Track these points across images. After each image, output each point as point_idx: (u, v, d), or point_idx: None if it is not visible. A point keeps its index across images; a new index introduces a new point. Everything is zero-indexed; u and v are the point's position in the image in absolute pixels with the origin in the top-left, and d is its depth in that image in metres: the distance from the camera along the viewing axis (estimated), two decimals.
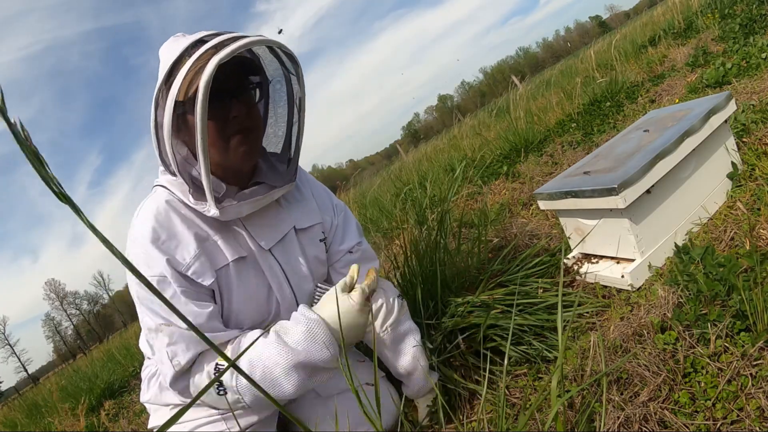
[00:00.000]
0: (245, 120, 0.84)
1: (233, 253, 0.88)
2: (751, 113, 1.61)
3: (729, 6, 3.79)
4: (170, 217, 0.85)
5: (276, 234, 0.95)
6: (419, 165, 4.50)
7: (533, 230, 1.76)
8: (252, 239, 0.92)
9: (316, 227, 1.03)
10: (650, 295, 1.08)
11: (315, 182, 1.11)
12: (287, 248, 0.97)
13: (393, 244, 2.63)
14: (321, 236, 1.04)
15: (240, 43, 0.73)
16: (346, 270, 1.06)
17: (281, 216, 0.97)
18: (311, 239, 1.02)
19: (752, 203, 1.18)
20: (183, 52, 0.77)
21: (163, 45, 0.86)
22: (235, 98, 0.83)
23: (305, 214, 1.01)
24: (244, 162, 0.87)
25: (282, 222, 0.96)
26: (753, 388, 0.73)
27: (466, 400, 1.08)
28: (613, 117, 2.73)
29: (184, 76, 0.74)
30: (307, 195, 1.04)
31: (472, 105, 31.14)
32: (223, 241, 0.88)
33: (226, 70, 0.76)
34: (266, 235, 0.93)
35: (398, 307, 1.08)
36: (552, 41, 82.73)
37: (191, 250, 0.84)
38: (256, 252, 0.92)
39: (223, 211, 0.83)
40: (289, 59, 0.88)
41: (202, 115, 0.72)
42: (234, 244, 0.89)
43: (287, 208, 0.99)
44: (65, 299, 50.81)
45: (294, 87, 0.93)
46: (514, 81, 6.02)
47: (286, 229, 0.97)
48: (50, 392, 4.52)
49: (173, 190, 0.87)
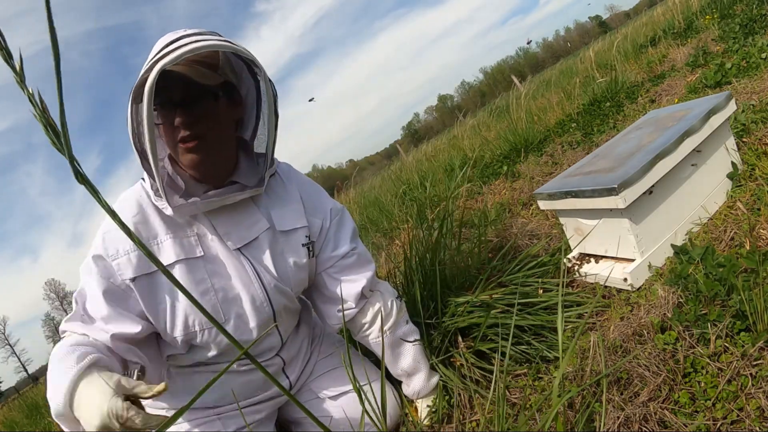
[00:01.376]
0: (189, 126, 0.85)
1: (181, 254, 0.88)
2: (751, 113, 1.61)
3: (729, 6, 3.79)
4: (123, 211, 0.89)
5: (246, 234, 0.93)
6: (419, 165, 4.50)
7: (533, 230, 1.76)
8: (219, 239, 0.91)
9: (299, 231, 1.00)
10: (650, 295, 1.08)
11: (309, 184, 1.08)
12: (259, 250, 0.95)
13: (393, 244, 2.63)
14: (304, 240, 1.01)
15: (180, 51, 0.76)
16: (341, 275, 1.04)
17: (255, 216, 0.95)
18: (291, 243, 0.99)
19: (752, 203, 1.18)
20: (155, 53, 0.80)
21: None
22: (179, 106, 0.85)
23: (287, 217, 0.99)
24: (195, 167, 0.89)
25: (256, 223, 0.95)
26: (753, 388, 0.73)
27: (466, 400, 1.08)
28: (613, 117, 2.73)
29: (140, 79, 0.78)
30: (295, 198, 1.02)
31: (472, 105, 31.17)
32: (172, 241, 0.88)
33: (181, 75, 0.82)
34: (234, 235, 0.92)
35: (396, 310, 1.08)
36: (552, 41, 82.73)
37: (127, 244, 0.86)
38: (222, 251, 0.91)
39: (176, 210, 0.86)
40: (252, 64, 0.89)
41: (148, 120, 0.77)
42: (187, 245, 0.89)
43: (268, 208, 0.98)
44: (65, 299, 50.80)
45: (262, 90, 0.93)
46: (514, 81, 6.01)
47: (260, 229, 0.95)
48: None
49: (145, 185, 0.91)
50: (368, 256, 1.10)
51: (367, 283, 1.04)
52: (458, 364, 1.14)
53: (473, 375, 1.10)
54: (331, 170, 70.35)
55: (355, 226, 1.11)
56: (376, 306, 1.06)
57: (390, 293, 1.09)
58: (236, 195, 0.90)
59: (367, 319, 1.06)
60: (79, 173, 0.28)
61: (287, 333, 1.06)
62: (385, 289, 1.10)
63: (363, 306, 1.06)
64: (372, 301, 1.06)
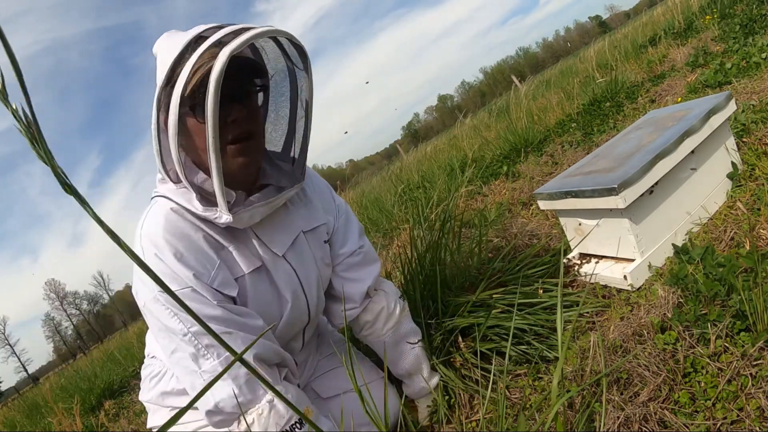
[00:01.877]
0: (244, 123, 0.77)
1: (248, 264, 0.83)
2: (751, 113, 1.61)
3: (729, 6, 3.79)
4: (182, 227, 0.78)
5: (287, 238, 0.90)
6: (419, 165, 4.49)
7: (533, 230, 1.76)
8: (264, 246, 0.86)
9: (321, 228, 0.98)
10: (650, 295, 1.08)
11: (317, 179, 1.06)
12: (299, 252, 0.92)
13: (393, 244, 2.63)
14: (326, 237, 1.00)
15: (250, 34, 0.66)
16: (347, 274, 1.03)
17: (290, 218, 0.91)
18: (317, 240, 0.97)
19: (752, 203, 1.18)
20: (184, 48, 0.70)
21: (158, 42, 0.79)
22: (235, 101, 0.76)
23: (310, 215, 0.97)
24: (243, 169, 0.80)
25: (291, 225, 0.91)
26: (753, 388, 0.73)
27: (466, 400, 1.08)
28: (613, 117, 2.73)
29: (190, 73, 0.68)
30: (311, 195, 0.99)
31: (472, 105, 31.08)
32: (237, 252, 0.83)
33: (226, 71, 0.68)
34: (278, 241, 0.88)
35: (399, 310, 1.08)
36: (552, 41, 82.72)
37: (213, 260, 0.78)
38: (269, 259, 0.87)
39: (236, 217, 0.77)
40: (298, 52, 0.80)
41: (214, 113, 0.66)
42: (247, 254, 0.84)
43: (294, 209, 0.94)
44: (65, 299, 50.82)
45: (301, 83, 0.86)
46: (514, 81, 6.01)
47: (296, 232, 0.92)
48: (49, 392, 4.51)
49: (176, 199, 0.80)
50: (374, 255, 1.10)
51: (373, 282, 1.05)
52: (458, 364, 1.14)
53: (473, 375, 1.10)
54: (331, 170, 70.34)
55: (360, 223, 1.11)
56: (379, 305, 1.06)
57: (393, 293, 1.09)
58: (284, 194, 0.84)
59: (369, 318, 1.06)
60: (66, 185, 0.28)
61: (308, 338, 1.07)
62: (389, 288, 1.10)
63: (367, 305, 1.06)
64: (376, 299, 1.06)
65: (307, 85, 0.84)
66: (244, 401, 0.76)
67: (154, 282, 0.30)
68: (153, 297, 0.77)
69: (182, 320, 0.76)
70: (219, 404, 0.76)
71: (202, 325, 0.30)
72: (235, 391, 0.75)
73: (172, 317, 0.76)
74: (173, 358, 0.79)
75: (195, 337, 0.76)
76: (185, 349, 0.77)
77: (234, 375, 0.76)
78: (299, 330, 0.99)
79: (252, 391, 0.77)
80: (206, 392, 0.75)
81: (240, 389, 0.76)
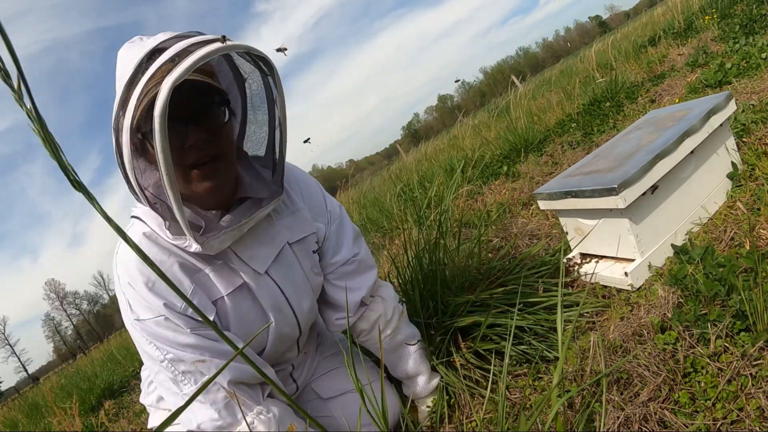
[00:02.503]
0: (205, 146, 0.73)
1: (227, 285, 0.81)
2: (751, 113, 1.61)
3: (729, 6, 3.79)
4: (154, 253, 0.77)
5: (270, 253, 0.86)
6: (419, 165, 4.50)
7: (533, 230, 1.76)
8: (244, 264, 0.83)
9: (309, 238, 0.94)
10: (650, 295, 1.08)
11: (307, 181, 0.99)
12: (284, 266, 0.88)
13: (393, 244, 2.63)
14: (315, 247, 0.96)
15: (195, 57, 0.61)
16: (341, 282, 1.00)
17: (273, 231, 0.87)
18: (305, 251, 0.93)
19: (752, 203, 1.18)
20: (137, 67, 0.66)
21: (119, 52, 0.74)
22: (192, 124, 0.72)
23: (297, 225, 0.92)
24: (211, 194, 0.76)
25: (275, 238, 0.87)
26: (753, 388, 0.73)
27: (466, 400, 1.08)
28: (613, 117, 2.73)
29: (138, 100, 0.64)
30: (298, 202, 0.94)
31: (472, 105, 31.11)
32: (214, 273, 0.80)
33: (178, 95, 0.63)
34: (259, 257, 0.84)
35: (398, 316, 1.07)
36: (552, 41, 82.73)
37: (185, 287, 0.77)
38: (251, 278, 0.83)
39: (205, 245, 0.74)
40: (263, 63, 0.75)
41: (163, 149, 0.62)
42: (226, 274, 0.81)
43: (278, 219, 0.89)
44: (65, 299, 50.80)
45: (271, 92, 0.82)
46: (514, 81, 6.01)
47: (280, 244, 0.88)
48: (49, 392, 4.51)
49: (149, 222, 0.78)
50: (370, 262, 1.05)
51: (367, 292, 1.02)
52: (458, 364, 1.14)
53: (473, 375, 1.10)
54: (331, 170, 70.31)
55: (356, 228, 1.07)
56: (376, 313, 1.04)
57: (391, 298, 1.08)
58: (260, 212, 0.80)
59: (366, 327, 1.05)
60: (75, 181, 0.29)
61: (304, 344, 1.07)
62: (387, 294, 1.08)
63: (363, 313, 1.04)
64: (372, 308, 1.04)
65: (278, 96, 0.80)
66: (223, 425, 0.78)
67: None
68: (131, 323, 0.78)
69: (158, 347, 0.77)
70: (201, 425, 0.78)
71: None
72: (214, 415, 0.77)
73: (149, 344, 0.78)
74: (157, 379, 0.81)
75: (171, 363, 0.78)
76: (164, 374, 0.79)
77: (212, 400, 0.78)
78: (292, 342, 0.98)
79: (231, 414, 0.78)
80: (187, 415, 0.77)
81: (219, 413, 0.78)
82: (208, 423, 0.78)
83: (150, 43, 0.68)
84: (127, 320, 0.79)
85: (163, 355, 0.77)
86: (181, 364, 0.77)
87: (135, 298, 0.77)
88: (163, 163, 0.63)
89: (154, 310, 0.76)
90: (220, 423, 0.78)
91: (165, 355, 0.77)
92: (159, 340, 0.77)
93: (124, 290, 0.78)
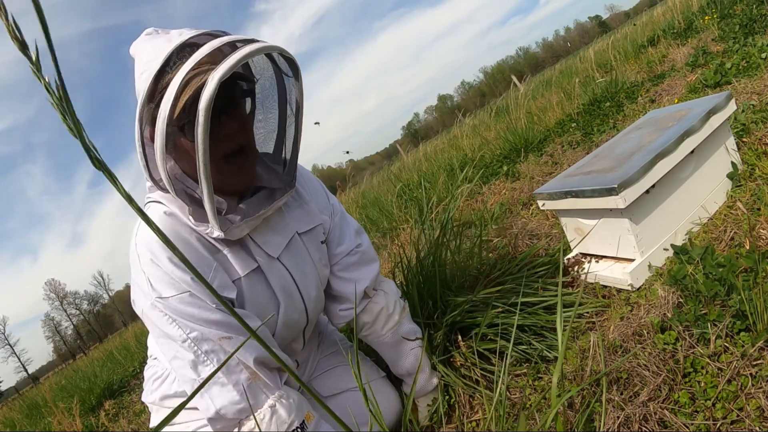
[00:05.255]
0: (237, 136, 0.77)
1: (244, 267, 0.83)
2: (751, 113, 1.61)
3: (729, 6, 3.79)
4: (177, 230, 0.78)
5: (281, 240, 0.90)
6: (419, 165, 4.50)
7: (533, 230, 1.76)
8: (259, 248, 0.86)
9: (317, 229, 0.98)
10: (650, 295, 1.08)
11: (311, 179, 1.05)
12: (294, 254, 0.92)
13: (393, 244, 2.63)
14: (322, 237, 1.00)
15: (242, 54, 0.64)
16: (344, 274, 1.02)
17: (285, 221, 0.92)
18: (314, 242, 0.97)
19: (752, 203, 1.18)
20: (166, 59, 0.68)
21: (137, 43, 0.76)
22: (225, 114, 0.75)
23: (306, 217, 0.97)
24: (239, 184, 0.82)
25: (286, 227, 0.92)
26: (753, 388, 0.73)
27: (466, 400, 1.08)
28: (613, 117, 2.73)
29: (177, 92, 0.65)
30: (306, 196, 0.99)
31: (472, 105, 31.11)
32: (232, 254, 0.82)
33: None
34: (273, 243, 0.88)
35: (399, 310, 1.08)
36: (552, 41, 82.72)
37: (210, 262, 0.78)
38: (264, 262, 0.87)
39: (227, 232, 0.77)
40: (289, 64, 0.79)
41: (204, 141, 0.65)
42: (243, 256, 0.84)
43: (288, 211, 0.94)
44: (65, 299, 50.81)
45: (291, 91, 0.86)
46: (515, 81, 6.01)
47: (290, 233, 0.92)
48: (49, 392, 4.51)
49: (169, 206, 0.80)
50: (372, 254, 1.08)
51: (370, 282, 1.04)
52: (458, 363, 1.14)
53: (473, 375, 1.10)
54: (331, 170, 70.31)
55: (357, 222, 1.10)
56: (378, 306, 1.06)
57: (394, 292, 1.09)
58: (277, 202, 0.84)
59: (369, 319, 1.06)
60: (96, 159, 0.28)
61: (309, 338, 1.07)
62: (389, 288, 1.09)
63: (366, 305, 1.05)
64: (375, 300, 1.06)
65: (297, 94, 0.83)
66: (245, 407, 0.76)
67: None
68: (150, 304, 0.76)
69: (181, 326, 0.75)
70: (221, 411, 0.76)
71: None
72: (237, 397, 0.75)
73: (170, 323, 0.75)
74: (173, 365, 0.79)
75: (194, 342, 0.75)
76: (185, 356, 0.76)
77: (235, 381, 0.76)
78: (299, 331, 0.99)
79: (254, 396, 0.76)
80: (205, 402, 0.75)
81: (242, 395, 0.76)
82: (229, 407, 0.75)
83: (177, 38, 0.70)
84: (146, 301, 0.76)
85: (186, 333, 0.75)
86: (205, 343, 0.76)
87: (157, 275, 0.75)
88: (201, 155, 0.66)
89: (178, 286, 0.75)
90: (242, 406, 0.75)
91: (188, 334, 0.75)
92: (183, 317, 0.75)
93: (145, 269, 0.76)
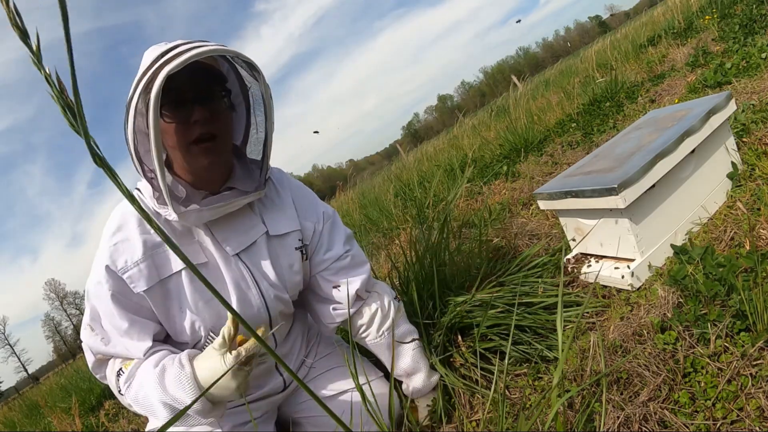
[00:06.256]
0: (207, 124, 0.85)
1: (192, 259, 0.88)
2: (751, 113, 1.62)
3: (729, 6, 3.79)
4: (128, 221, 0.88)
5: (244, 239, 0.94)
6: (419, 165, 4.49)
7: (533, 230, 1.76)
8: (217, 244, 0.92)
9: (291, 235, 1.01)
10: (650, 295, 1.08)
11: (301, 188, 1.10)
12: (257, 254, 0.96)
13: (393, 244, 2.63)
14: (297, 244, 1.02)
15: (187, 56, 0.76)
16: (335, 278, 1.05)
17: (253, 222, 0.97)
18: (285, 247, 1.00)
19: (752, 203, 1.18)
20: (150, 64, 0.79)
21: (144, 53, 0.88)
22: (198, 104, 0.84)
23: (281, 221, 1.00)
24: (208, 170, 0.89)
25: (253, 228, 0.96)
26: (753, 388, 0.73)
27: (466, 400, 1.08)
28: (613, 117, 2.73)
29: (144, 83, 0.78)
30: (287, 201, 1.03)
31: (472, 105, 31.08)
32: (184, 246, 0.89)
33: (190, 77, 0.81)
34: (233, 241, 0.93)
35: (394, 311, 1.08)
36: (552, 41, 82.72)
37: (135, 256, 0.86)
38: (220, 258, 0.91)
39: (182, 216, 0.85)
40: (249, 67, 0.89)
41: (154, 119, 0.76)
42: (193, 252, 0.90)
43: (262, 213, 0.99)
44: (65, 299, 50.79)
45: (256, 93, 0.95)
46: (514, 81, 6.01)
47: (257, 234, 0.96)
48: (48, 393, 4.51)
49: (144, 194, 0.90)
50: (362, 258, 1.10)
51: (362, 285, 1.05)
52: (458, 363, 1.14)
53: (473, 375, 1.10)
54: (331, 170, 70.35)
55: (348, 230, 1.12)
56: (372, 307, 1.06)
57: (388, 294, 1.09)
58: (240, 200, 0.91)
59: (364, 321, 1.06)
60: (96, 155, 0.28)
61: (282, 337, 1.07)
62: (383, 289, 1.10)
63: (359, 307, 1.06)
64: (368, 302, 1.06)
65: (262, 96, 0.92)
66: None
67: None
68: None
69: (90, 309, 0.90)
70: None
71: None
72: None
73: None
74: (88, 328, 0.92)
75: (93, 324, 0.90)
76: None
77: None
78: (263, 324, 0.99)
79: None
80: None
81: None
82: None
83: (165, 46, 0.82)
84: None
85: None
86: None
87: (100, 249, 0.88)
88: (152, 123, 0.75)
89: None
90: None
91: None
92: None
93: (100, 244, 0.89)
